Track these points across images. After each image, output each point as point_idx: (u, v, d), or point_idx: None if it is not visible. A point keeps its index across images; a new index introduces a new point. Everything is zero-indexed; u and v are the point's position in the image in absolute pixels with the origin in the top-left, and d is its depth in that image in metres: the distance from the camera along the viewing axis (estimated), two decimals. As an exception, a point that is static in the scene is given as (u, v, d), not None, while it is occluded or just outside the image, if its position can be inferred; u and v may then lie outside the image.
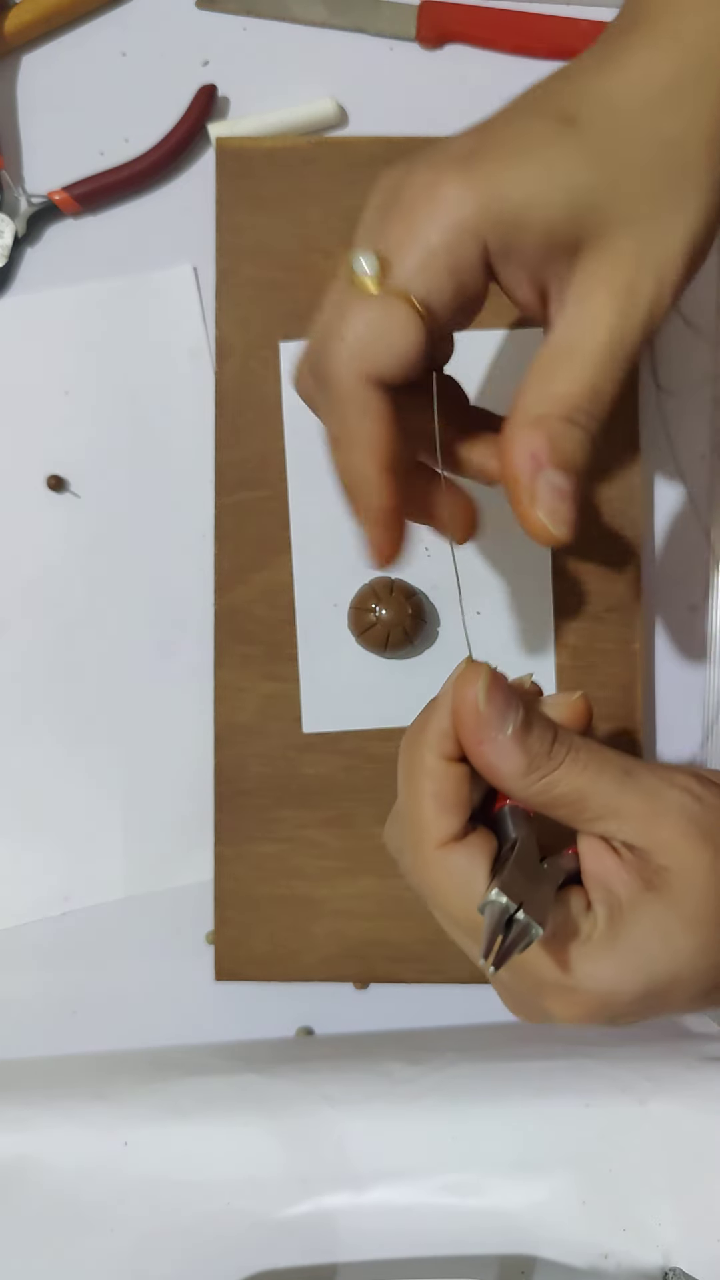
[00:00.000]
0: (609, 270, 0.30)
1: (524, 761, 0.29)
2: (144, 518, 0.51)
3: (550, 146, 0.29)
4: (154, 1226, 0.43)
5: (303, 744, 0.49)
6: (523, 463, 0.30)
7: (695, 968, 0.27)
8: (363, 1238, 0.42)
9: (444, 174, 0.29)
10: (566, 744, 0.29)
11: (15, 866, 0.51)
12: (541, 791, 0.29)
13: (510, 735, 0.29)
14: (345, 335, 0.29)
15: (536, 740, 0.29)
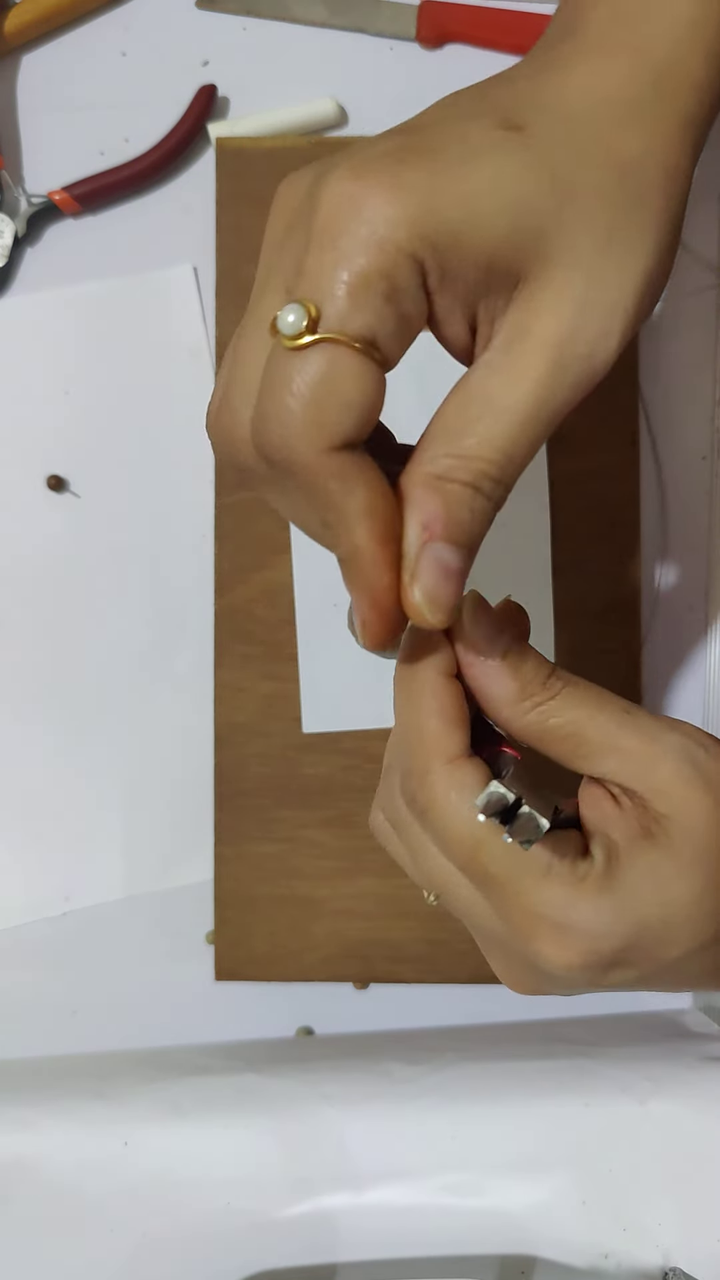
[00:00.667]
0: (548, 313, 0.25)
1: (516, 686, 0.28)
2: (144, 518, 0.51)
3: (493, 155, 0.25)
4: (154, 1226, 0.43)
5: (303, 744, 0.49)
6: (412, 532, 0.26)
7: (689, 915, 0.26)
8: (363, 1238, 0.42)
9: (367, 184, 0.24)
10: (563, 678, 0.28)
11: (15, 866, 0.51)
12: (536, 721, 0.28)
13: (503, 659, 0.28)
14: (290, 405, 0.24)
15: (531, 668, 0.28)
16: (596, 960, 0.26)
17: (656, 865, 0.26)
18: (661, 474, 0.51)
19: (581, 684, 0.29)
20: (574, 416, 0.26)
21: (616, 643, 0.49)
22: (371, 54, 0.52)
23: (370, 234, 0.23)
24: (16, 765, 0.51)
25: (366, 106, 0.51)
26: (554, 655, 0.49)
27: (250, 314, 0.26)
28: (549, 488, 0.49)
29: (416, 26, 0.51)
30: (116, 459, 0.51)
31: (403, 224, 0.23)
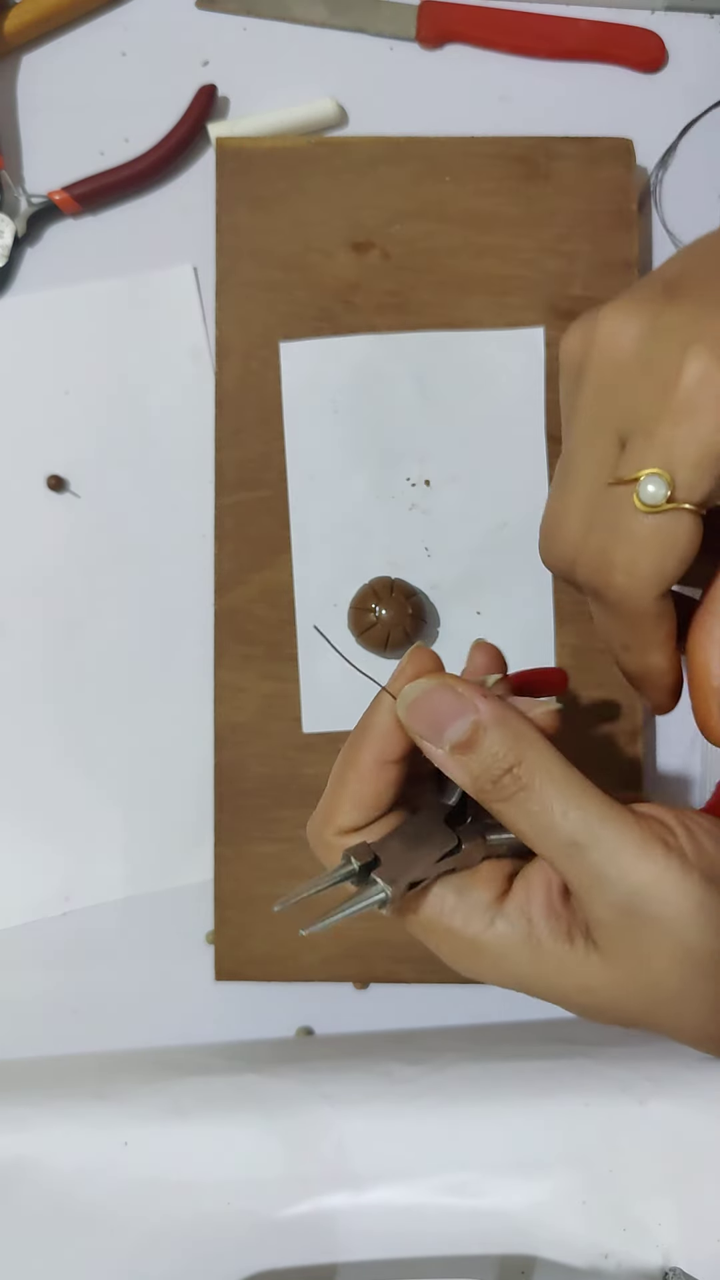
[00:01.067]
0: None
1: (467, 780, 0.27)
2: (144, 518, 0.51)
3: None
4: (154, 1226, 0.43)
5: (303, 744, 0.49)
6: (716, 665, 0.28)
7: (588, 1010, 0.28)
8: (363, 1238, 0.42)
9: (703, 359, 0.25)
10: (519, 781, 0.27)
11: (16, 866, 0.51)
12: (486, 805, 0.28)
13: (448, 752, 0.27)
14: (639, 561, 0.27)
15: (478, 763, 0.27)
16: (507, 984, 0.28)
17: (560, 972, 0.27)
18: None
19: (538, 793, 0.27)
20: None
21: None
22: (371, 54, 0.52)
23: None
24: (17, 765, 0.51)
25: (366, 106, 0.51)
26: (554, 656, 0.49)
27: (581, 453, 0.28)
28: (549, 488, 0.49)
29: (416, 26, 0.51)
30: (116, 459, 0.51)
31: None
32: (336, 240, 0.49)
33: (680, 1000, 0.26)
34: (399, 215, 0.49)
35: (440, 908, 0.28)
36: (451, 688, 0.28)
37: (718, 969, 0.26)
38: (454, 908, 0.28)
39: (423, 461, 0.49)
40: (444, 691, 0.28)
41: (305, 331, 0.49)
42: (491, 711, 0.27)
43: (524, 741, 0.27)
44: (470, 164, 0.49)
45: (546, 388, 0.49)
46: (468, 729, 0.27)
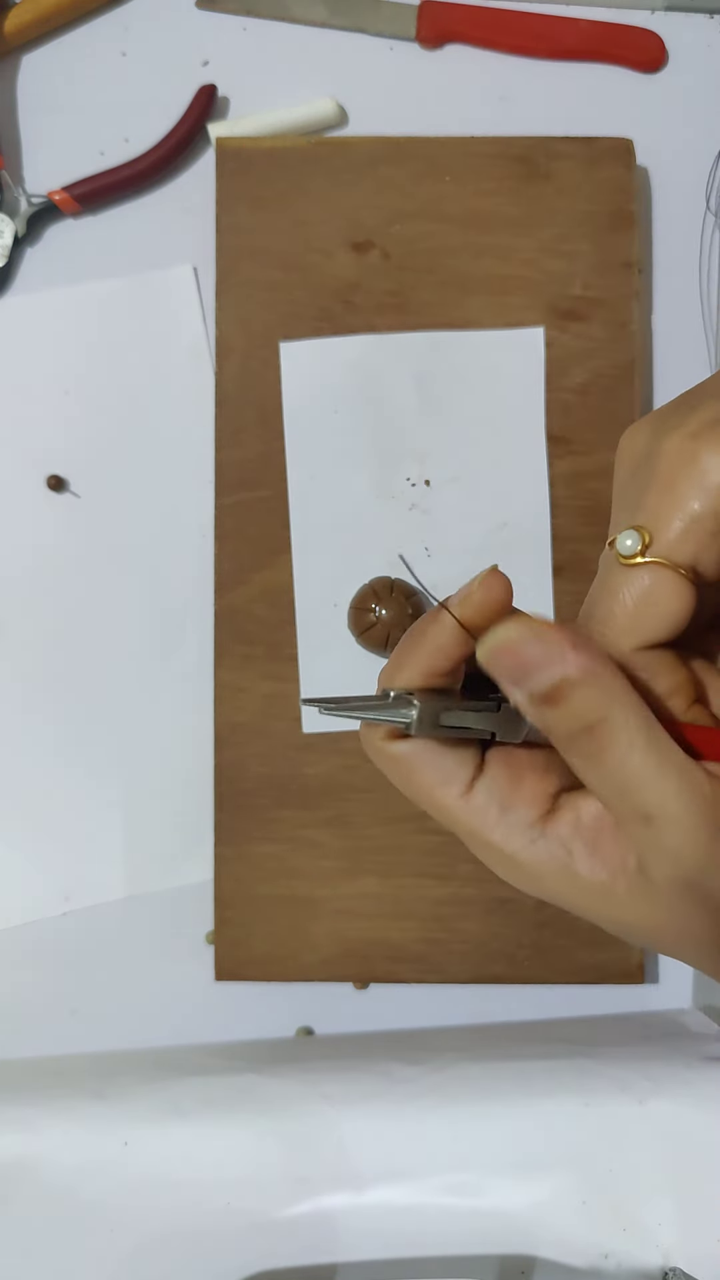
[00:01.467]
0: None
1: (539, 724, 0.27)
2: (144, 518, 0.51)
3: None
4: (154, 1226, 0.43)
5: (303, 744, 0.49)
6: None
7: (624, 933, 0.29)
8: (363, 1238, 0.42)
9: (703, 443, 0.28)
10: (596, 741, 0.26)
11: (16, 866, 0.51)
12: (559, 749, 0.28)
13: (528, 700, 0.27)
14: (614, 611, 0.28)
15: (558, 717, 0.27)
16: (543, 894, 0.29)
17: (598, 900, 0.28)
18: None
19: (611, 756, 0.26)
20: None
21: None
22: (371, 54, 0.52)
23: (702, 480, 0.27)
24: (17, 765, 0.51)
25: (366, 106, 0.51)
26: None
27: (604, 552, 0.30)
28: (549, 488, 0.49)
29: (416, 26, 0.51)
30: (116, 459, 0.51)
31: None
32: (336, 240, 0.49)
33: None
34: (399, 215, 0.49)
35: (483, 820, 0.28)
36: (540, 637, 0.27)
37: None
38: (496, 822, 0.28)
39: (423, 461, 0.49)
40: (532, 642, 0.27)
41: (305, 331, 0.49)
42: (580, 665, 0.26)
43: (610, 699, 0.26)
44: (470, 164, 0.49)
45: (546, 388, 0.49)
46: (553, 683, 0.26)
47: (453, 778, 0.28)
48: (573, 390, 0.49)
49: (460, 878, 0.49)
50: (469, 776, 0.28)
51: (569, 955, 0.49)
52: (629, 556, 0.28)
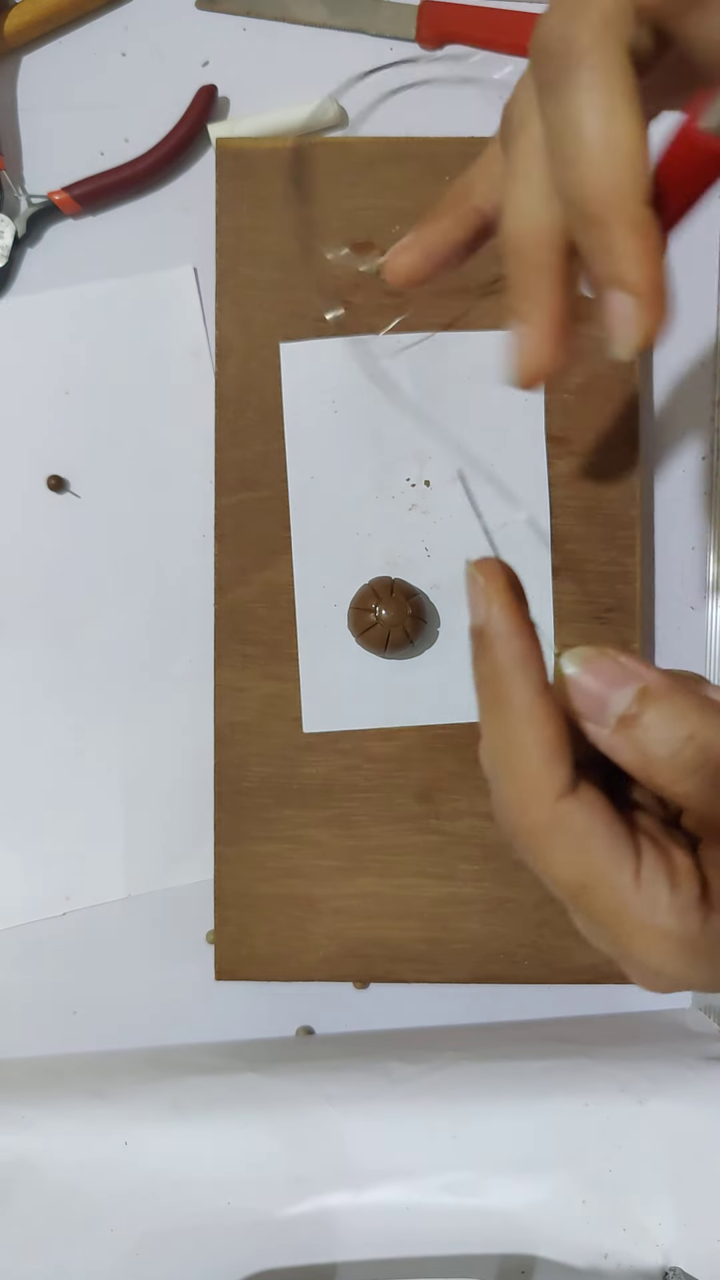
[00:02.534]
0: None
1: (639, 762, 0.24)
2: (144, 518, 0.51)
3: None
4: (154, 1226, 0.43)
5: (303, 744, 0.49)
6: None
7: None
8: (363, 1237, 0.42)
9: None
10: (705, 753, 0.23)
11: (16, 866, 0.51)
12: (666, 795, 0.25)
13: (614, 729, 0.24)
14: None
15: (653, 736, 0.24)
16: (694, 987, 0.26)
17: None
18: (661, 474, 0.51)
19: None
20: None
21: (616, 643, 0.49)
22: (371, 54, 0.52)
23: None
24: (17, 765, 0.51)
25: (366, 107, 0.51)
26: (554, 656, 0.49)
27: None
28: (549, 488, 0.49)
29: (416, 27, 0.51)
30: (116, 459, 0.51)
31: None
32: (337, 241, 0.49)
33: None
34: (399, 215, 0.49)
35: (653, 905, 0.24)
36: (613, 657, 0.25)
37: None
38: (668, 905, 0.24)
39: (423, 461, 0.49)
40: (605, 659, 0.25)
41: (305, 332, 0.49)
42: (661, 678, 0.24)
43: (701, 707, 0.24)
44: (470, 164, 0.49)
45: (546, 388, 0.49)
46: (634, 697, 0.24)
47: (625, 853, 0.24)
48: (573, 390, 0.49)
49: (460, 877, 0.49)
50: (635, 852, 0.24)
51: (569, 955, 0.49)
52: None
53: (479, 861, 0.49)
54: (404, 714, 0.49)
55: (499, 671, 0.25)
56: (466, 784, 0.49)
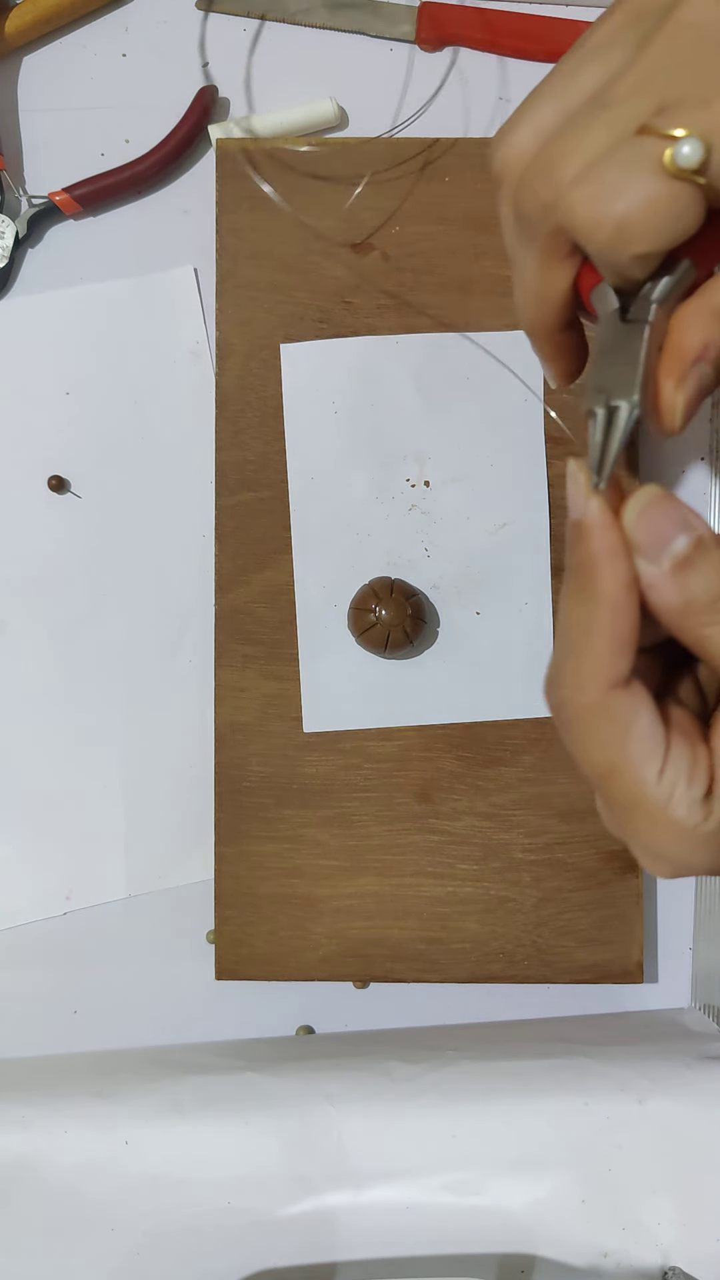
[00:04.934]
0: None
1: (679, 601, 0.26)
2: (144, 518, 0.51)
3: None
4: (154, 1226, 0.43)
5: (303, 744, 0.49)
6: (693, 344, 0.29)
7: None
8: (363, 1236, 0.42)
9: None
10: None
11: (17, 866, 0.51)
12: (695, 644, 0.27)
13: (667, 570, 0.26)
14: (642, 222, 0.27)
15: (701, 581, 0.26)
16: (693, 872, 0.28)
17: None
18: (661, 474, 0.51)
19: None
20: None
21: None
22: (371, 55, 0.52)
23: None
24: (18, 766, 0.51)
25: (366, 108, 0.51)
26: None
27: (623, 97, 0.27)
28: (548, 488, 0.49)
29: (416, 28, 0.51)
30: (117, 460, 0.51)
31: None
32: (337, 241, 0.49)
33: None
34: (399, 216, 0.49)
35: (669, 796, 0.27)
36: (676, 502, 0.27)
37: None
38: (681, 798, 0.27)
39: (422, 462, 0.49)
40: (672, 503, 0.27)
41: (305, 333, 0.49)
42: (707, 528, 0.27)
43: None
44: (470, 164, 0.49)
45: (546, 388, 0.49)
46: (692, 543, 0.26)
47: (656, 748, 0.27)
48: (572, 390, 0.49)
49: (459, 877, 0.49)
50: (665, 748, 0.27)
51: (568, 954, 0.49)
52: (682, 169, 0.26)
53: (478, 861, 0.49)
54: (404, 714, 0.49)
55: (592, 560, 0.27)
56: (466, 784, 0.49)
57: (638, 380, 0.28)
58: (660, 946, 0.51)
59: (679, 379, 0.29)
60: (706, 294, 0.29)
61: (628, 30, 0.28)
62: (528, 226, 0.30)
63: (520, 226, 0.30)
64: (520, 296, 0.33)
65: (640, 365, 0.28)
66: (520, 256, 0.32)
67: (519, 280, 0.32)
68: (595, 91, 0.28)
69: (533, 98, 0.30)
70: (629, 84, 0.27)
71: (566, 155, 0.28)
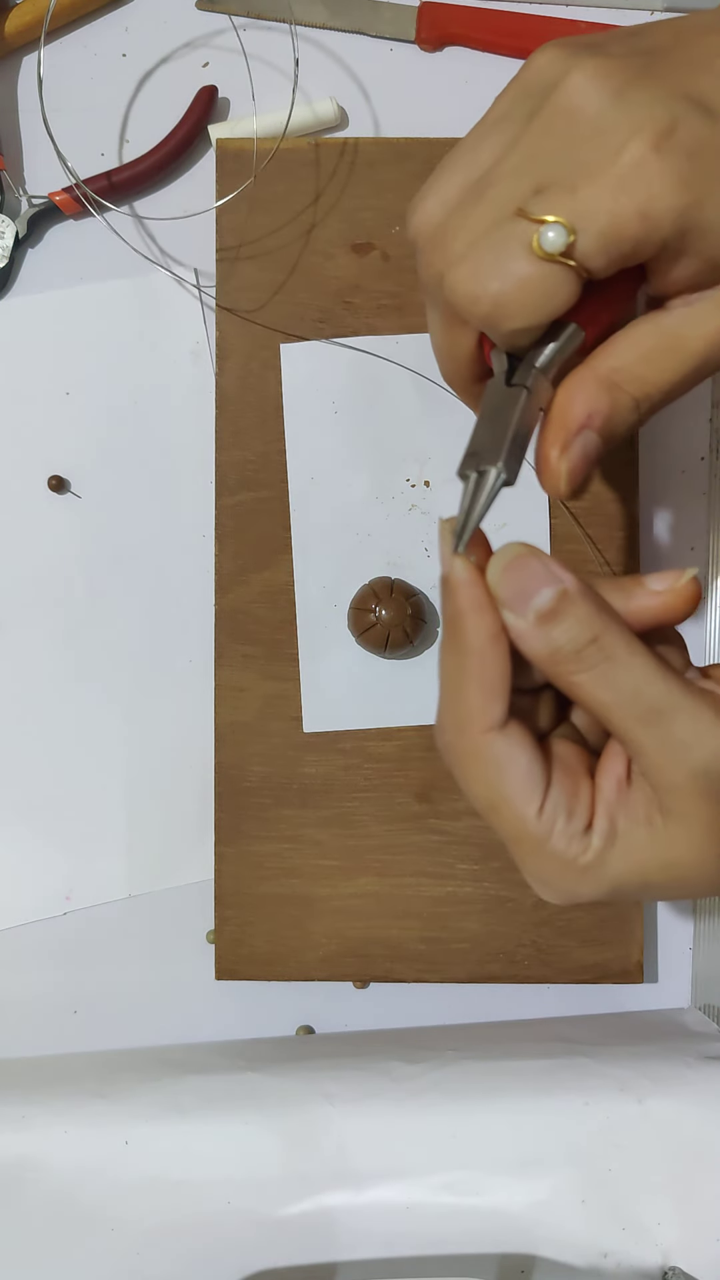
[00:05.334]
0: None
1: (545, 650, 0.28)
2: (144, 518, 0.51)
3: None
4: (154, 1226, 0.43)
5: (303, 744, 0.49)
6: (578, 412, 0.30)
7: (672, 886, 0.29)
8: (362, 1237, 0.42)
9: (667, 165, 0.27)
10: (603, 651, 0.28)
11: (17, 866, 0.51)
12: (566, 689, 0.29)
13: (532, 622, 0.28)
14: (514, 300, 0.29)
15: (565, 633, 0.28)
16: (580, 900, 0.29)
17: (647, 857, 0.28)
18: (661, 474, 0.51)
19: (621, 664, 0.28)
20: None
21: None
22: (371, 55, 0.52)
23: (645, 206, 0.27)
24: (17, 765, 0.51)
25: (366, 107, 0.52)
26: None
27: (504, 179, 0.29)
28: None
29: (416, 28, 0.51)
30: (117, 460, 0.51)
31: (673, 212, 0.27)
32: (336, 241, 0.49)
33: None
34: (399, 216, 0.49)
35: (549, 831, 0.28)
36: (538, 554, 0.28)
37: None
38: (561, 831, 0.28)
39: (422, 462, 0.49)
40: (533, 559, 0.28)
41: (305, 332, 0.49)
42: (576, 583, 0.28)
43: (606, 614, 0.28)
44: None
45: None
46: (555, 597, 0.28)
47: (535, 787, 0.29)
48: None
49: (459, 877, 0.49)
50: (545, 785, 0.29)
51: (568, 954, 0.49)
52: (549, 253, 0.28)
53: (478, 861, 0.49)
54: (404, 714, 0.49)
55: (458, 614, 0.29)
56: (466, 784, 0.49)
57: (505, 448, 0.29)
58: (660, 946, 0.51)
59: (563, 447, 0.31)
60: (594, 362, 0.31)
61: (518, 106, 0.30)
62: (430, 293, 0.32)
63: (426, 291, 0.32)
64: (435, 351, 0.35)
65: (510, 432, 0.29)
66: (430, 316, 0.34)
67: (431, 337, 0.34)
68: (488, 167, 0.30)
69: (444, 166, 0.32)
70: (510, 165, 0.29)
71: (453, 232, 0.30)
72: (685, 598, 0.29)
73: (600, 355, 0.31)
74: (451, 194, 0.31)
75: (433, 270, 0.30)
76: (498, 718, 0.28)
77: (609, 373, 0.31)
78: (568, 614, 0.28)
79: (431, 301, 0.33)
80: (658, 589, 0.29)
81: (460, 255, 0.29)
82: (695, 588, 0.29)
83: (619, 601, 0.29)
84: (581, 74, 0.28)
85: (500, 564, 0.28)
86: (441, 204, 0.31)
